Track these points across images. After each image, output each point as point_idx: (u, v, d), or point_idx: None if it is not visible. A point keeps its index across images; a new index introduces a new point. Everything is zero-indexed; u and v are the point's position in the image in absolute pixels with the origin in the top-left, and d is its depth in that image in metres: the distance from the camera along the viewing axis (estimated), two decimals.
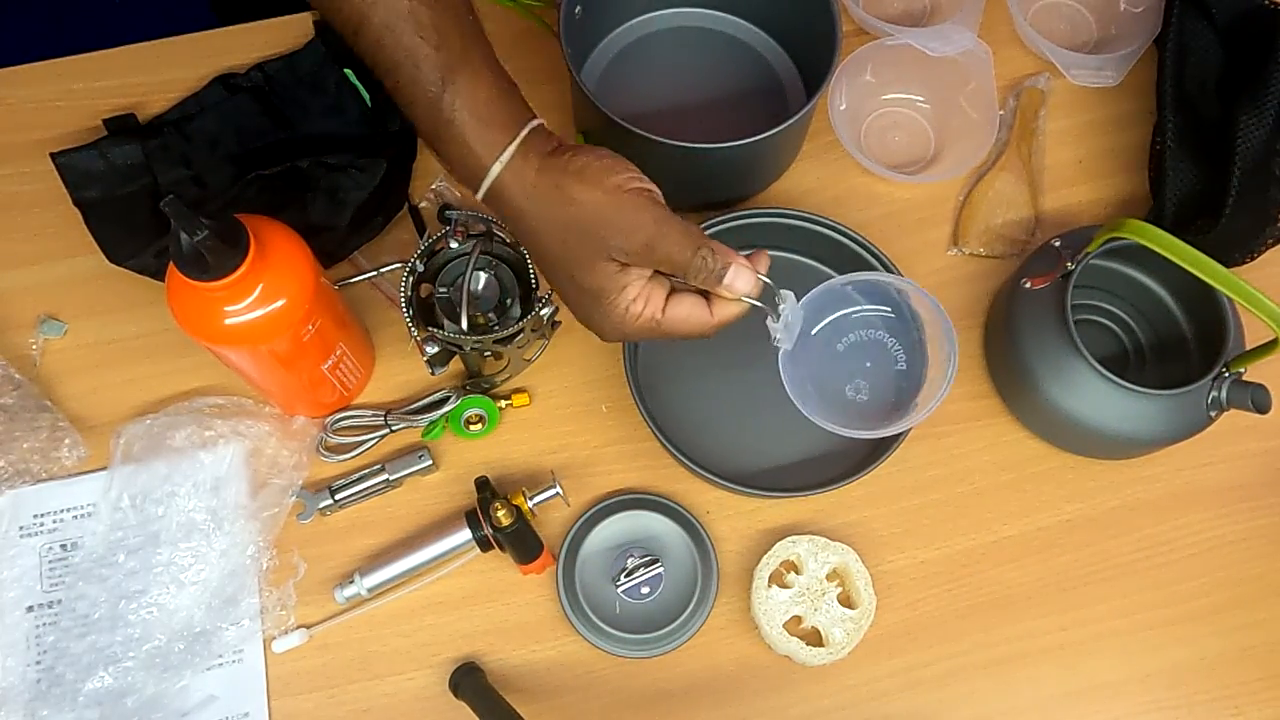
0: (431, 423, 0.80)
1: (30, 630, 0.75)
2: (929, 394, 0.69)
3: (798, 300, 0.65)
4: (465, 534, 0.75)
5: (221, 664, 0.75)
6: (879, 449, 0.77)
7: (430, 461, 0.79)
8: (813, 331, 0.70)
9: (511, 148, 0.60)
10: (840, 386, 0.72)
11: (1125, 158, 0.90)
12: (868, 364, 0.73)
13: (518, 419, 0.82)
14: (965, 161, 0.88)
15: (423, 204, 0.87)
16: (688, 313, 0.64)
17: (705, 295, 0.64)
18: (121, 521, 0.76)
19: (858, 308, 0.71)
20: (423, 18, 0.59)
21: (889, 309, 0.72)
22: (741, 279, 0.62)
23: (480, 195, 0.61)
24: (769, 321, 0.65)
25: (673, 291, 0.64)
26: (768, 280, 0.63)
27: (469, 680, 0.73)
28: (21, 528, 0.77)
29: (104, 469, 0.78)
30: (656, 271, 0.63)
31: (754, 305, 0.63)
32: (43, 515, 0.78)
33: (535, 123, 0.61)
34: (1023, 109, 0.90)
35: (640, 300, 0.63)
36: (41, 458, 0.78)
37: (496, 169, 0.60)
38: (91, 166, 0.83)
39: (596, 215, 0.60)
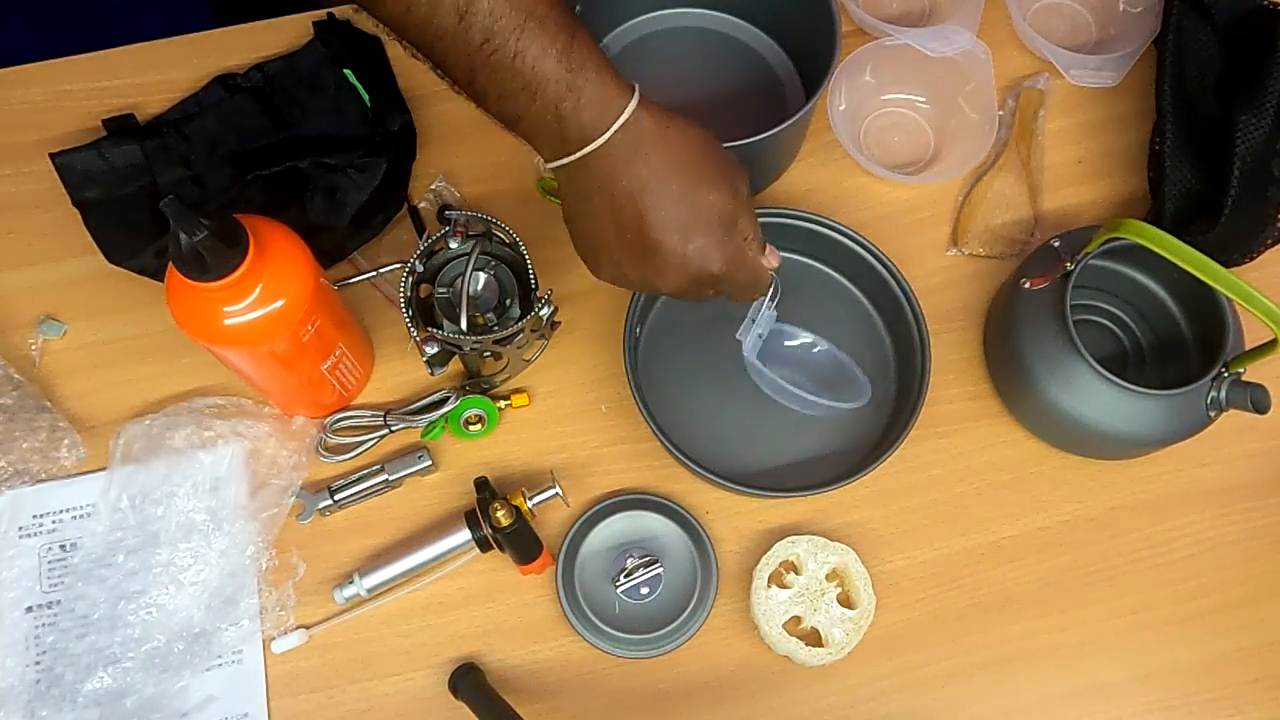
0: (431, 423, 0.80)
1: (29, 631, 0.75)
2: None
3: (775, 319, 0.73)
4: (465, 534, 0.75)
5: (221, 664, 0.75)
6: (879, 449, 0.77)
7: (430, 462, 0.79)
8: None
9: (637, 89, 0.62)
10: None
11: (1125, 158, 0.90)
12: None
13: (517, 419, 0.82)
14: (965, 162, 0.88)
15: (422, 204, 0.87)
16: (762, 264, 0.68)
17: None
18: (121, 522, 0.76)
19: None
20: None
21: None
22: (774, 255, 0.69)
23: (612, 132, 0.61)
24: (751, 311, 0.73)
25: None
26: (776, 254, 0.70)
27: (468, 680, 0.73)
28: (21, 528, 0.77)
29: (103, 469, 0.78)
30: None
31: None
32: (42, 516, 0.78)
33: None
34: (1022, 109, 0.90)
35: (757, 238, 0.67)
36: (41, 458, 0.78)
37: (633, 103, 0.61)
38: (91, 167, 0.83)
39: (718, 148, 0.65)
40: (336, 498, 0.78)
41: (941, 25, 0.89)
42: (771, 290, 0.72)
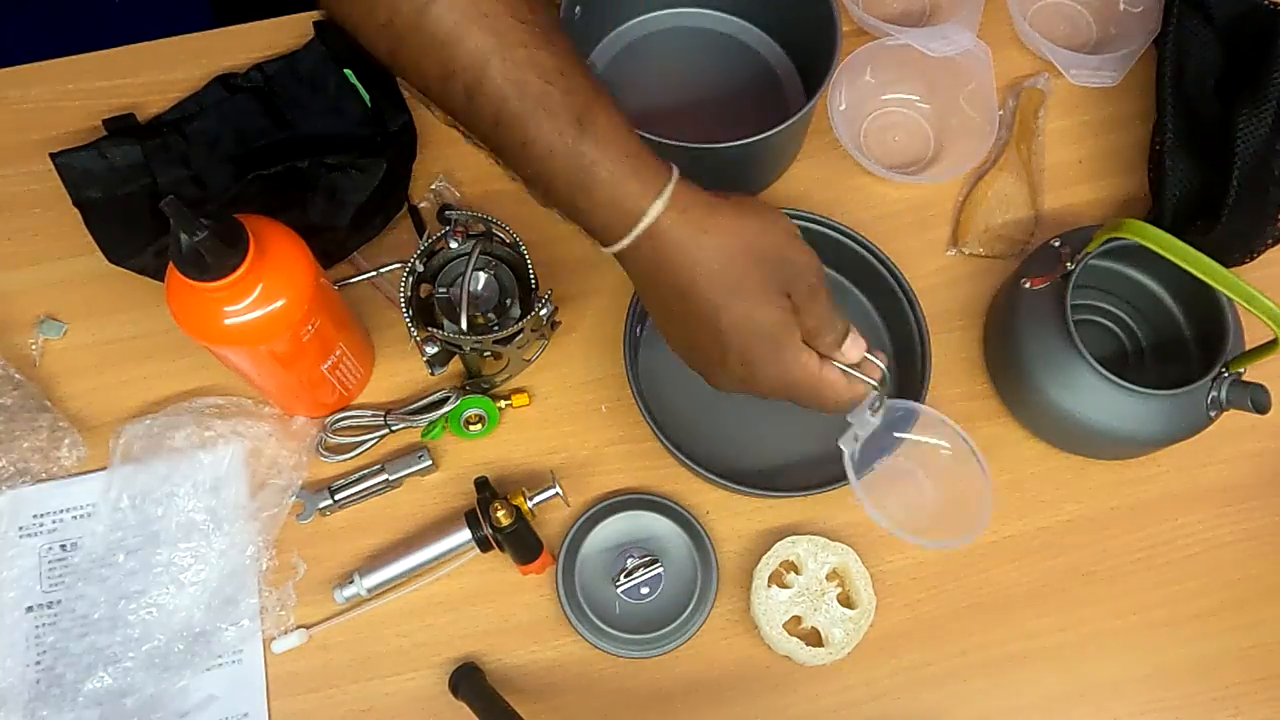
0: (431, 423, 0.80)
1: (30, 630, 0.75)
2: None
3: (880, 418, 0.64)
4: (465, 534, 0.75)
5: (221, 664, 0.75)
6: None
7: (430, 462, 0.79)
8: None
9: (670, 184, 0.56)
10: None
11: (1125, 158, 0.90)
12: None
13: (517, 419, 0.82)
14: (965, 162, 0.88)
15: (422, 204, 0.87)
16: (836, 376, 0.61)
17: None
18: (121, 522, 0.76)
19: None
20: (545, 62, 0.55)
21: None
22: (856, 347, 0.62)
23: (632, 238, 0.56)
24: (850, 416, 0.66)
25: (825, 361, 0.62)
26: (875, 363, 0.64)
27: (469, 680, 0.73)
28: (21, 528, 0.77)
29: (104, 469, 0.78)
30: None
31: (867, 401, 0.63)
32: (42, 515, 0.78)
33: (674, 168, 0.58)
34: (1022, 109, 0.90)
35: (809, 351, 0.60)
36: (41, 458, 0.78)
37: (659, 205, 0.55)
38: (91, 167, 0.83)
39: (773, 244, 0.58)
40: (337, 498, 0.78)
41: (942, 25, 0.89)
42: (872, 399, 0.63)
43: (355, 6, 0.56)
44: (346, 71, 0.86)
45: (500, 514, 0.72)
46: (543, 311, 0.75)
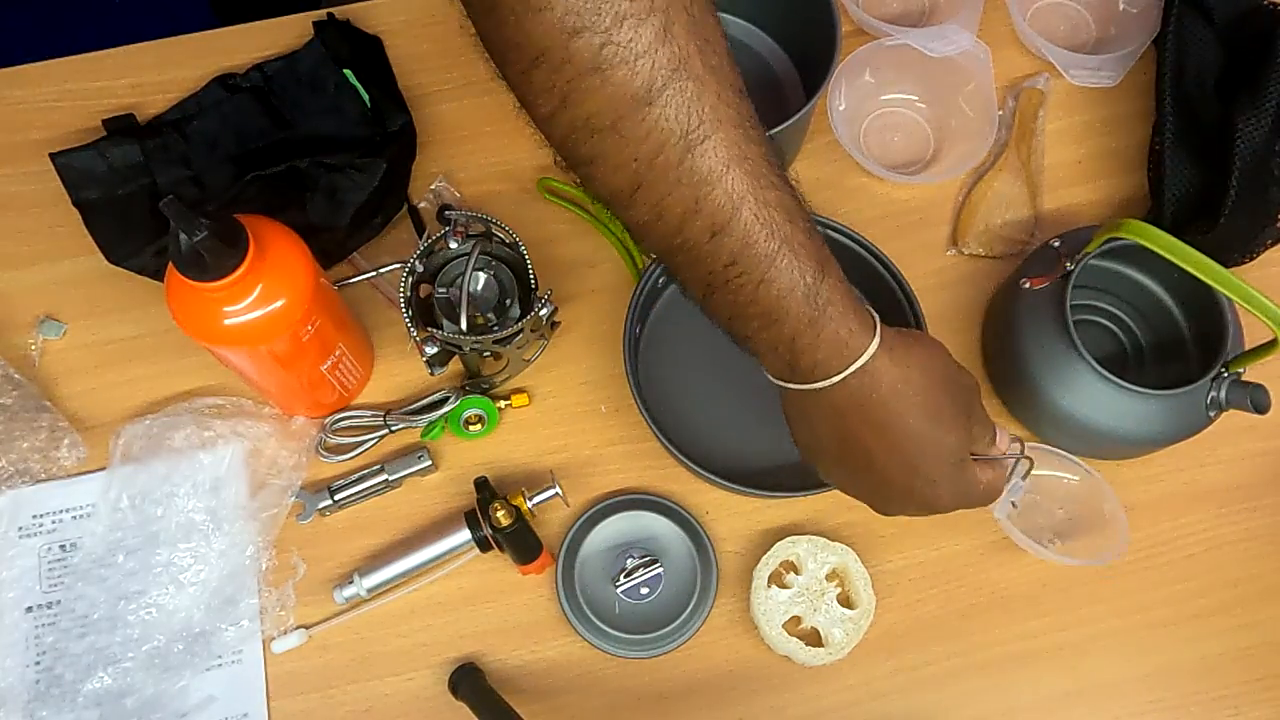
0: (431, 423, 0.80)
1: (29, 631, 0.75)
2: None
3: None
4: (464, 534, 0.75)
5: (221, 664, 0.75)
6: None
7: (429, 462, 0.79)
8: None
9: (878, 323, 0.58)
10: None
11: (1125, 158, 0.90)
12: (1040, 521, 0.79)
13: (517, 419, 0.82)
14: (965, 162, 0.88)
15: (422, 204, 0.87)
16: (997, 473, 0.65)
17: None
18: (121, 522, 0.76)
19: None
20: (788, 204, 0.55)
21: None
22: (1004, 438, 0.65)
23: (849, 372, 0.57)
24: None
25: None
26: (1015, 441, 0.67)
27: (468, 681, 0.73)
28: (20, 528, 0.77)
29: (103, 469, 0.78)
30: None
31: (1014, 469, 0.66)
32: (42, 516, 0.78)
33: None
34: (1022, 110, 0.90)
35: (979, 463, 0.64)
36: (41, 458, 0.78)
37: (875, 343, 0.57)
38: (91, 167, 0.83)
39: (953, 373, 0.62)
40: (336, 498, 0.78)
41: (941, 25, 0.89)
42: (1021, 469, 0.67)
43: (608, 140, 0.52)
44: (346, 72, 0.86)
45: (500, 514, 0.72)
46: (542, 311, 0.75)
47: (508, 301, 0.76)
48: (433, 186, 0.87)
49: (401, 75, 0.89)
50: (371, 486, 0.78)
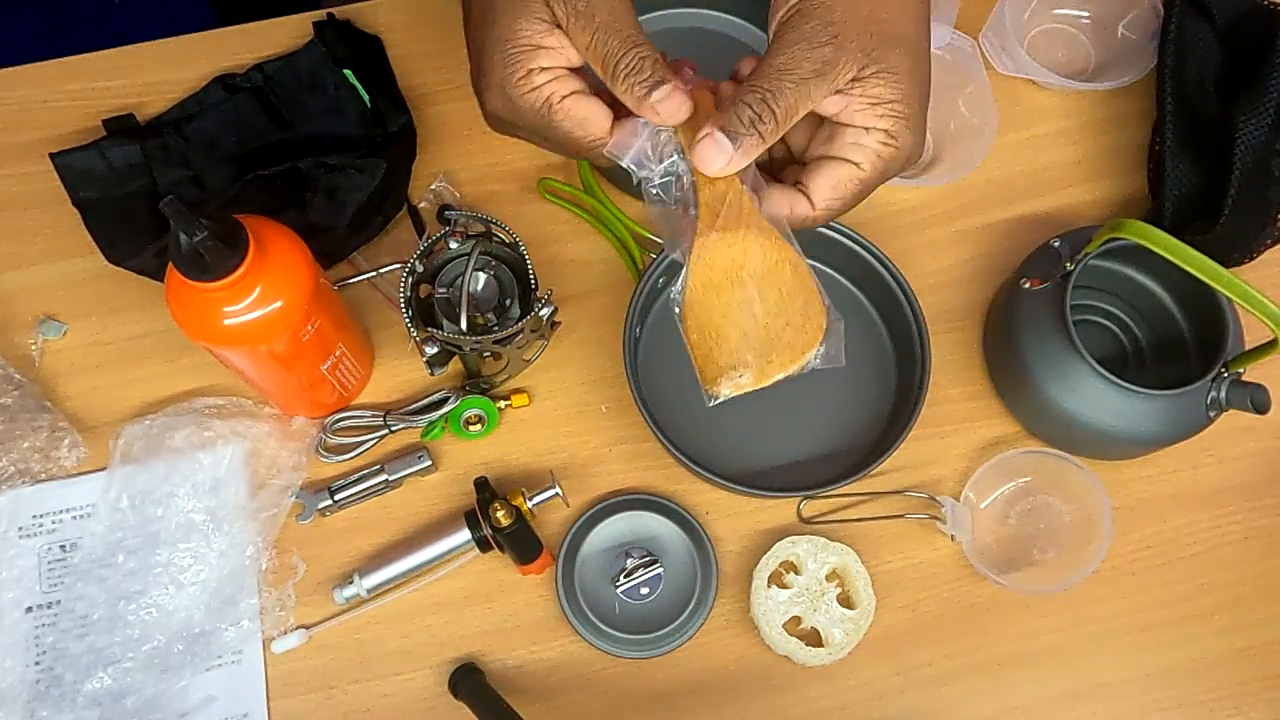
0: (431, 423, 0.80)
1: (29, 631, 0.75)
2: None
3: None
4: (464, 534, 0.75)
5: (221, 665, 0.75)
6: (878, 449, 0.77)
7: (429, 462, 0.79)
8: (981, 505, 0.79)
9: None
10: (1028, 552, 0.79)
11: (1125, 158, 0.90)
12: (1041, 526, 0.79)
13: (517, 419, 0.82)
14: (964, 164, 0.88)
15: (422, 204, 0.87)
16: (586, 114, 0.56)
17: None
18: (121, 522, 0.76)
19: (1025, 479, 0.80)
20: None
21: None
22: (673, 102, 0.54)
23: None
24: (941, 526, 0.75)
25: (594, 94, 0.57)
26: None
27: (468, 681, 0.73)
28: (20, 528, 0.77)
29: (103, 469, 0.78)
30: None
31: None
32: (42, 516, 0.78)
33: None
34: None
35: (548, 73, 0.55)
36: (41, 458, 0.78)
37: None
38: (91, 167, 0.83)
39: None
40: (336, 498, 0.78)
41: None
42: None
43: None
44: (346, 72, 0.86)
45: (500, 514, 0.72)
46: (542, 312, 0.75)
47: (508, 301, 0.76)
48: (433, 186, 0.87)
49: (401, 75, 0.89)
50: (371, 487, 0.78)
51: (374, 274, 0.83)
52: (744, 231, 0.57)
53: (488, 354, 0.78)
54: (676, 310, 0.58)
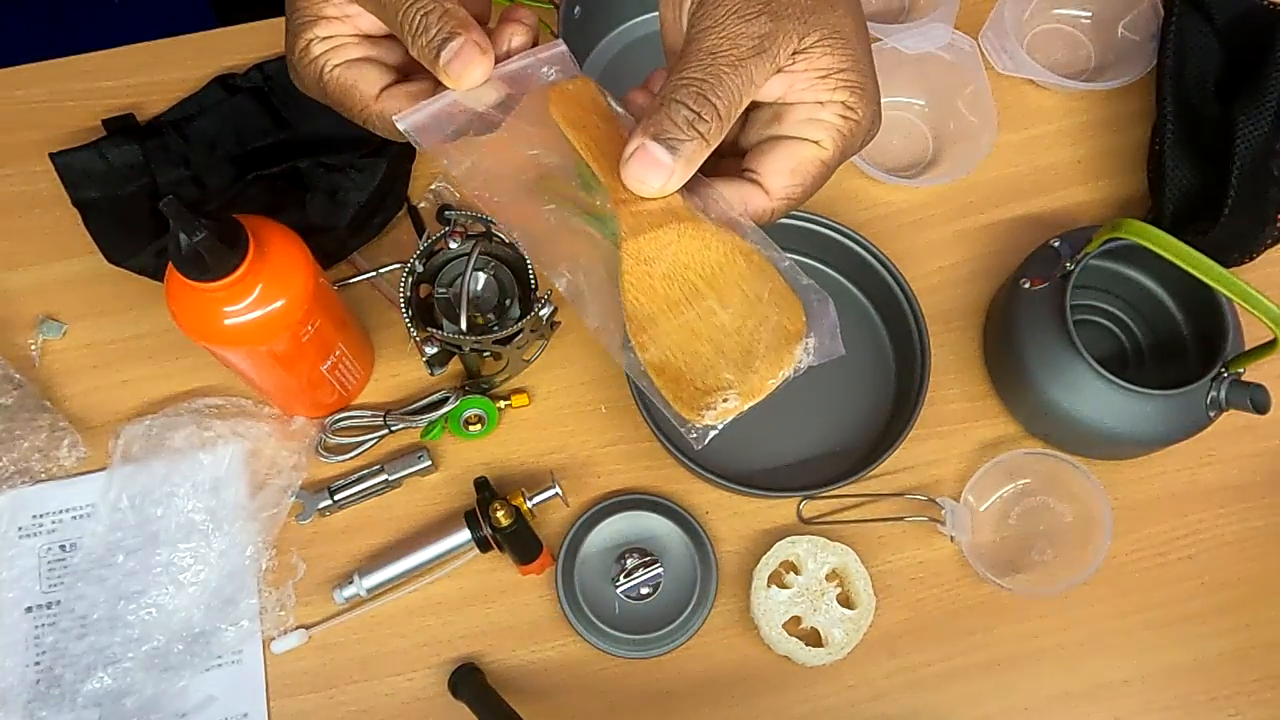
0: (431, 423, 0.80)
1: (29, 631, 0.75)
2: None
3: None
4: (464, 534, 0.75)
5: (221, 665, 0.75)
6: (879, 449, 0.77)
7: (429, 462, 0.79)
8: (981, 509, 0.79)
9: None
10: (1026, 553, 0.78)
11: (1125, 158, 0.90)
12: (1041, 527, 0.79)
13: (517, 420, 0.82)
14: (964, 164, 0.88)
15: (422, 204, 0.87)
16: (354, 79, 0.50)
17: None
18: (120, 522, 0.76)
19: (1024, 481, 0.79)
20: None
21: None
22: (467, 64, 0.46)
23: None
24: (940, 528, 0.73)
25: (368, 61, 0.51)
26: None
27: (468, 681, 0.73)
28: (20, 528, 0.77)
29: (103, 469, 0.78)
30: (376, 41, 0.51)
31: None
32: (41, 516, 0.78)
33: None
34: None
35: (326, 43, 0.50)
36: (41, 458, 0.78)
37: None
38: (91, 167, 0.83)
39: None
40: (336, 498, 0.78)
41: (919, 22, 0.89)
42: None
43: None
44: None
45: (500, 514, 0.72)
46: (542, 312, 0.75)
47: (508, 301, 0.76)
48: (433, 186, 0.87)
49: None
50: (371, 486, 0.78)
51: (374, 274, 0.83)
52: (675, 226, 0.47)
53: (488, 354, 0.78)
54: (628, 355, 0.48)
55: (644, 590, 0.76)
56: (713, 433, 0.48)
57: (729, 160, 0.52)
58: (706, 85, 0.45)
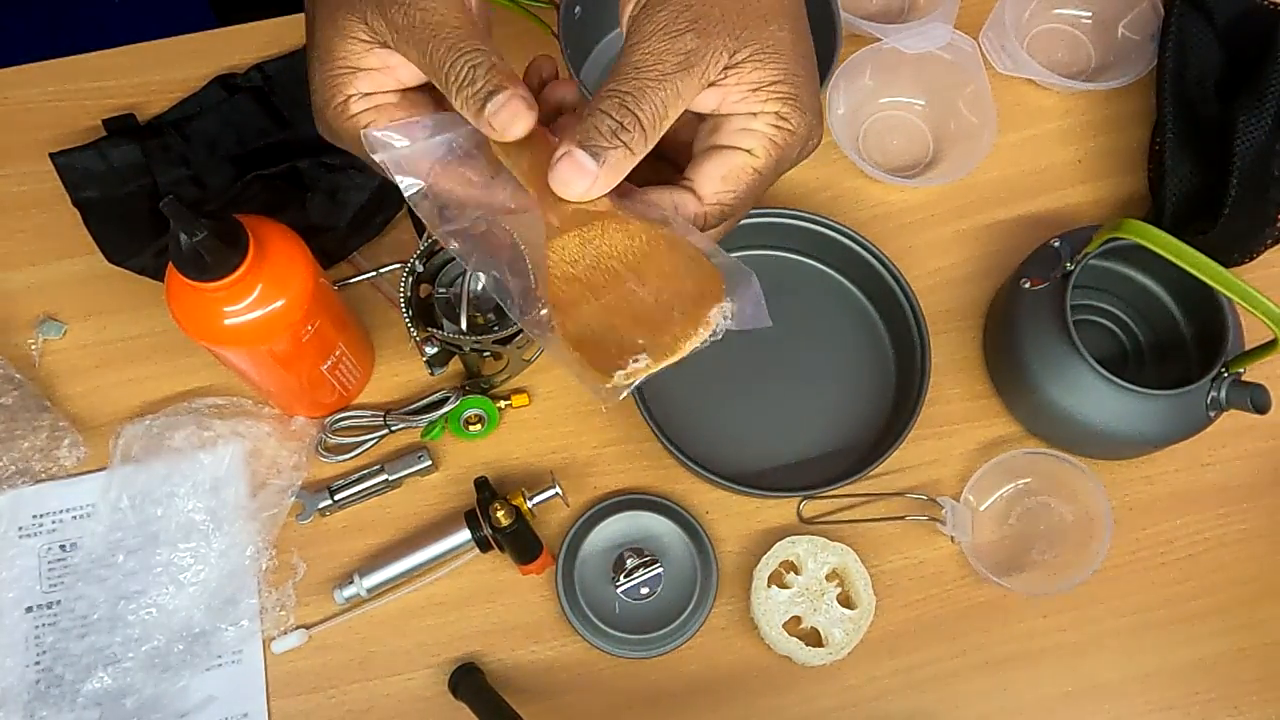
0: (431, 423, 0.80)
1: (29, 631, 0.75)
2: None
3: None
4: (464, 534, 0.75)
5: (221, 664, 0.75)
6: (879, 449, 0.77)
7: (429, 462, 0.79)
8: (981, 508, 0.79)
9: None
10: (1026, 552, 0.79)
11: (1125, 158, 0.90)
12: (1041, 527, 0.79)
13: (517, 419, 0.82)
14: (964, 164, 0.88)
15: None
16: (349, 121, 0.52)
17: None
18: (121, 522, 0.76)
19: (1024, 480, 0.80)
20: None
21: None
22: (506, 114, 0.48)
23: None
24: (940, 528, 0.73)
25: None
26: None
27: (468, 681, 0.73)
28: (20, 528, 0.77)
29: (103, 469, 0.78)
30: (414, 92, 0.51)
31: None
32: (42, 516, 0.78)
33: None
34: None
35: (366, 100, 0.51)
36: (41, 458, 0.78)
37: None
38: (91, 167, 0.83)
39: None
40: (336, 498, 0.78)
41: (919, 21, 0.88)
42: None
43: None
44: None
45: (500, 514, 0.72)
46: (543, 311, 0.75)
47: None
48: None
49: None
50: (371, 486, 0.78)
51: (374, 274, 0.83)
52: (599, 224, 0.49)
53: (488, 354, 0.78)
54: (542, 330, 0.51)
55: (644, 590, 0.76)
56: (624, 392, 0.50)
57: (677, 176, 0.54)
58: (630, 98, 0.47)
